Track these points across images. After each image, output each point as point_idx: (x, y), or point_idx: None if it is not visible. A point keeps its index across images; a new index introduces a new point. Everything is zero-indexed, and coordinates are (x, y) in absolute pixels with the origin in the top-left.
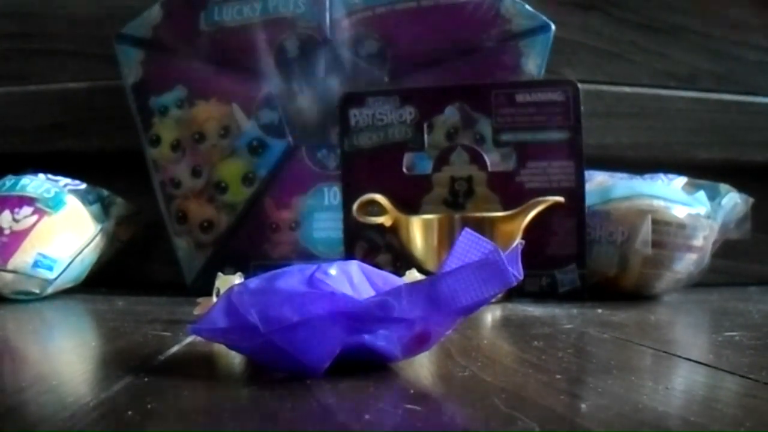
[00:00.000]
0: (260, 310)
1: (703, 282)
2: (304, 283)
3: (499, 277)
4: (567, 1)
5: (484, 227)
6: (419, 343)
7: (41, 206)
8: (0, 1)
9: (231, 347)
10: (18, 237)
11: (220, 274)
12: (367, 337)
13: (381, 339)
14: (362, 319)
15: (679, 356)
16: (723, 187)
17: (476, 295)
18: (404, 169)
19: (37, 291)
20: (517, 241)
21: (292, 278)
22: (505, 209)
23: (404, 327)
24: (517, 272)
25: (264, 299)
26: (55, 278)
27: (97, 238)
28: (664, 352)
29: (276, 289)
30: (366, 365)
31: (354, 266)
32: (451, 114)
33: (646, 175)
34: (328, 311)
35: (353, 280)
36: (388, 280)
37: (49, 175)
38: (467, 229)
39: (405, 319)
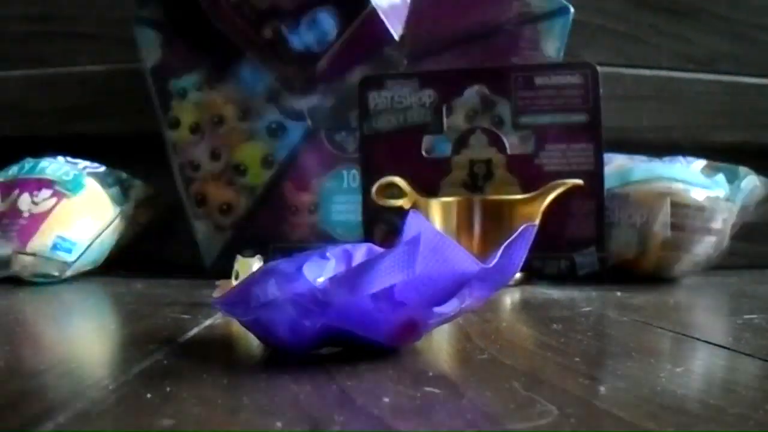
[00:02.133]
0: (254, 288)
1: (722, 265)
2: (295, 266)
3: (403, 266)
4: None
5: (503, 210)
6: (406, 331)
7: (60, 189)
8: None
9: (240, 322)
10: (37, 220)
11: (239, 256)
12: (346, 323)
13: (362, 326)
14: (313, 303)
15: (698, 339)
16: (742, 169)
17: (381, 282)
18: (423, 152)
19: (56, 273)
20: (525, 224)
21: (294, 261)
22: (524, 192)
23: (379, 314)
24: (516, 259)
25: (262, 278)
26: (74, 261)
27: (116, 221)
28: (683, 334)
29: (273, 269)
30: (380, 349)
31: (362, 249)
32: (470, 97)
33: (666, 158)
34: (288, 294)
35: (353, 262)
36: None
37: (68, 158)
38: (412, 211)
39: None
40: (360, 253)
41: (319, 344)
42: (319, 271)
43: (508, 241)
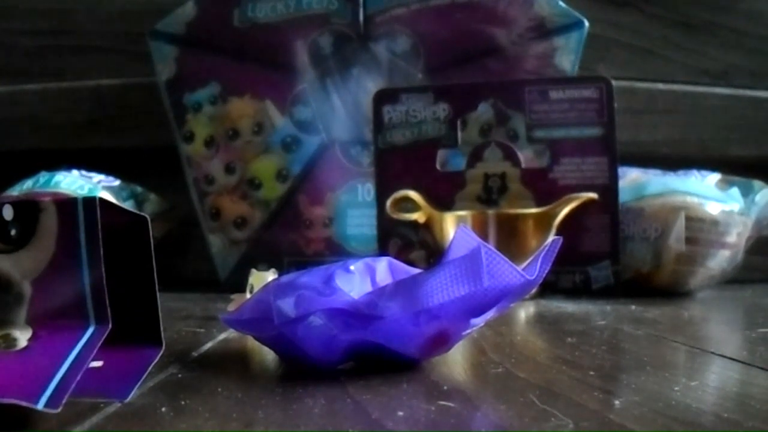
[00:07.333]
0: (278, 304)
1: (736, 278)
2: (322, 280)
3: (473, 278)
4: None
5: (517, 224)
6: (437, 344)
7: None
8: None
9: (256, 338)
10: None
11: (253, 270)
12: (379, 337)
13: (395, 339)
14: (354, 317)
15: (713, 353)
16: (757, 183)
17: (448, 294)
18: (438, 166)
19: None
20: (553, 237)
21: (316, 274)
22: (538, 206)
23: (414, 327)
24: (540, 271)
25: (285, 293)
26: None
27: None
28: (698, 348)
29: (297, 284)
30: (398, 362)
31: (383, 263)
32: (484, 110)
33: (680, 172)
34: (324, 308)
35: (376, 276)
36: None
37: (83, 172)
38: (462, 227)
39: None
40: (381, 266)
41: (346, 359)
42: (349, 286)
43: (539, 253)
